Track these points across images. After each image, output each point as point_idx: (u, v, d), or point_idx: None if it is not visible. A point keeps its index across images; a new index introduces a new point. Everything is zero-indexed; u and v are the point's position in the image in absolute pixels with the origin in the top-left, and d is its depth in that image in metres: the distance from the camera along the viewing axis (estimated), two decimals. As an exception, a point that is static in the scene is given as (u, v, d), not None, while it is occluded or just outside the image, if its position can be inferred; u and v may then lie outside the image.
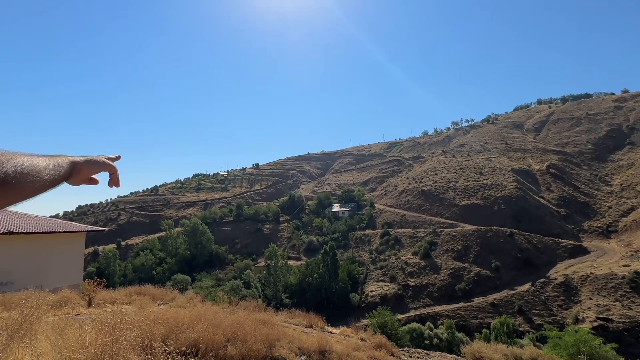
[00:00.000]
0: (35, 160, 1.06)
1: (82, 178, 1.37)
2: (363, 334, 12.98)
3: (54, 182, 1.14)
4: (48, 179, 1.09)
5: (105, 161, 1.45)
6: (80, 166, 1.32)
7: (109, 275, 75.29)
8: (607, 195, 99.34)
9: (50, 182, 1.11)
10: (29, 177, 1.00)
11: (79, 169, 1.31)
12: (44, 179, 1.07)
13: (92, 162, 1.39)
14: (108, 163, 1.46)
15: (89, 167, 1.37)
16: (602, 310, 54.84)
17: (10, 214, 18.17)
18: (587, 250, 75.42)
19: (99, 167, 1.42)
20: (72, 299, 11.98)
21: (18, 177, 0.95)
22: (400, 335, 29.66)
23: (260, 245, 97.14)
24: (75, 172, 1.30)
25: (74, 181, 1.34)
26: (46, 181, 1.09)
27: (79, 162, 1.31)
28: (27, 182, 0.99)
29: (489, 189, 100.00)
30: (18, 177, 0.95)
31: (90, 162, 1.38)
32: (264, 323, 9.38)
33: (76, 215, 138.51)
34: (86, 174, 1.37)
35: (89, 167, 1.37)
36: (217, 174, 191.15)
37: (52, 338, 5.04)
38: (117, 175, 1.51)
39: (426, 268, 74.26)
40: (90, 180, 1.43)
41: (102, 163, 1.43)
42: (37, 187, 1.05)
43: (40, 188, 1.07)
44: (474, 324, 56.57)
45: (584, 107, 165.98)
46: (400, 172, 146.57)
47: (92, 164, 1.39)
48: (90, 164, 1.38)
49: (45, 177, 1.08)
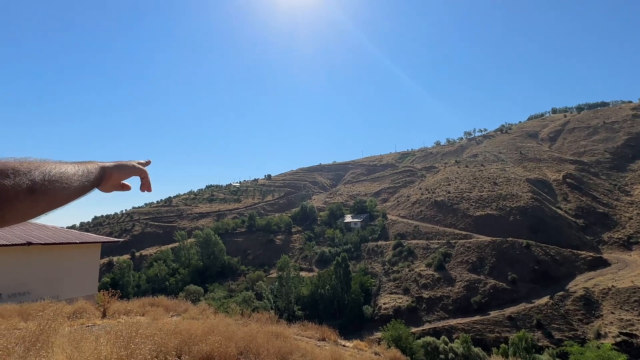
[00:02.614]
0: (64, 167, 1.03)
1: (113, 184, 1.33)
2: (377, 348, 12.75)
3: (84, 188, 1.11)
4: (78, 185, 1.07)
5: (135, 165, 1.42)
6: (111, 171, 1.28)
7: (123, 286, 75.92)
8: (627, 205, 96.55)
9: (80, 189, 1.08)
10: (58, 184, 0.98)
11: (109, 175, 1.27)
12: (74, 185, 1.04)
13: (122, 167, 1.35)
14: (138, 167, 1.44)
15: (119, 173, 1.33)
16: (626, 325, 52.84)
17: (28, 225, 18.57)
18: (607, 262, 73.10)
19: (129, 172, 1.39)
20: (87, 310, 12.09)
21: (47, 185, 0.93)
22: (415, 350, 29.09)
23: (272, 257, 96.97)
24: (106, 177, 1.26)
25: (105, 187, 1.30)
26: (76, 188, 1.06)
27: (108, 168, 1.28)
28: (57, 189, 0.97)
29: (503, 199, 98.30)
30: (47, 184, 0.93)
31: (120, 167, 1.34)
32: (277, 336, 9.30)
33: (92, 226, 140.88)
34: (117, 179, 1.33)
35: (119, 173, 1.33)
36: (229, 185, 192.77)
37: (69, 351, 5.07)
38: (148, 180, 1.50)
39: (440, 280, 72.92)
40: (121, 187, 1.39)
41: (132, 167, 1.40)
42: (67, 194, 1.02)
43: (70, 195, 1.05)
44: (491, 338, 55.07)
45: (600, 116, 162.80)
46: (413, 183, 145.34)
47: (122, 169, 1.35)
48: (120, 169, 1.34)
49: (75, 184, 1.05)
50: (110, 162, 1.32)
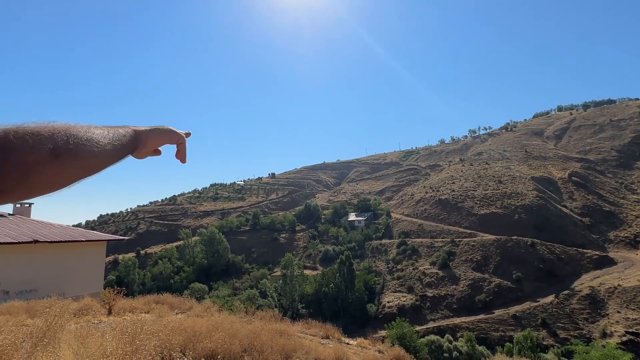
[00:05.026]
0: (93, 130, 0.91)
1: (149, 150, 1.22)
2: (381, 346, 12.77)
3: (117, 153, 0.99)
4: (110, 150, 0.95)
5: (173, 129, 1.31)
6: (146, 136, 1.17)
7: (128, 284, 76.46)
8: (633, 203, 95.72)
9: (112, 153, 0.97)
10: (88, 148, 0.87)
11: (144, 140, 1.16)
12: (106, 149, 0.93)
13: (158, 131, 1.24)
14: (176, 132, 1.32)
15: (155, 137, 1.21)
16: (632, 324, 52.49)
17: (35, 223, 18.78)
18: (613, 261, 72.59)
19: (166, 137, 1.27)
20: (93, 307, 12.21)
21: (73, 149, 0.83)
22: (419, 348, 29.05)
23: (277, 255, 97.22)
24: (142, 143, 1.15)
25: (140, 154, 1.19)
26: (108, 152, 0.94)
27: (144, 132, 1.16)
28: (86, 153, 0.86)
29: (508, 197, 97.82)
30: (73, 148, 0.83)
31: (156, 132, 1.22)
32: (281, 333, 9.35)
33: (98, 224, 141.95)
34: (153, 145, 1.22)
35: (156, 137, 1.22)
36: (234, 184, 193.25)
37: (75, 347, 5.13)
38: (185, 147, 1.37)
39: (444, 279, 72.77)
40: (154, 152, 1.28)
41: (169, 132, 1.29)
42: (99, 160, 0.92)
43: (103, 161, 0.94)
44: (495, 337, 54.93)
45: (607, 113, 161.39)
46: (417, 181, 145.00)
47: (159, 133, 1.23)
48: (156, 133, 1.22)
49: (108, 147, 0.94)
50: (143, 126, 1.20)
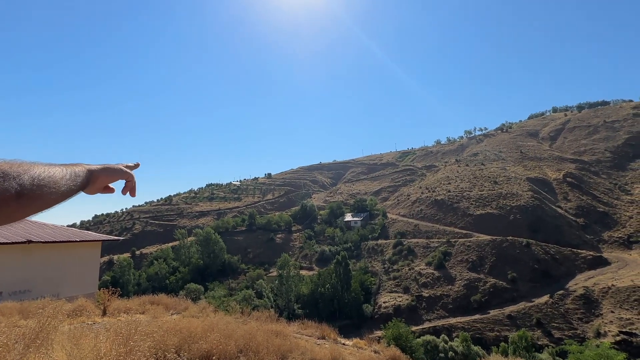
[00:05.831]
0: (52, 170, 1.03)
1: (99, 187, 1.32)
2: (376, 346, 12.77)
3: (71, 191, 1.11)
4: (65, 190, 1.07)
5: (122, 169, 1.40)
6: (97, 174, 1.27)
7: (123, 284, 76.02)
8: (627, 204, 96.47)
9: (67, 192, 1.09)
10: (46, 189, 0.98)
11: (95, 177, 1.26)
12: (61, 190, 1.05)
13: (109, 170, 1.34)
14: (125, 171, 1.41)
15: (105, 176, 1.31)
16: (625, 324, 52.87)
17: (28, 224, 18.59)
18: (607, 261, 73.11)
19: (116, 175, 1.37)
20: (87, 308, 12.11)
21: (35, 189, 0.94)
22: (415, 348, 29.12)
23: (273, 255, 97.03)
24: (92, 180, 1.25)
25: (90, 190, 1.29)
26: (64, 192, 1.07)
27: (95, 171, 1.27)
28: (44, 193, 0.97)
29: (504, 198, 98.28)
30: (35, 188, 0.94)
31: (107, 170, 1.33)
32: (277, 334, 9.32)
33: (92, 225, 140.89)
34: (103, 182, 1.32)
35: (106, 176, 1.32)
36: (229, 184, 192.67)
37: (68, 348, 5.08)
38: (133, 183, 1.46)
39: (440, 279, 72.96)
40: (105, 189, 1.37)
41: (119, 171, 1.38)
42: (54, 198, 1.03)
43: (57, 199, 1.05)
44: (490, 337, 55.14)
45: (601, 115, 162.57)
46: (413, 182, 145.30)
47: (109, 172, 1.34)
48: (107, 172, 1.32)
49: (63, 188, 1.06)
50: (96, 164, 1.31)
